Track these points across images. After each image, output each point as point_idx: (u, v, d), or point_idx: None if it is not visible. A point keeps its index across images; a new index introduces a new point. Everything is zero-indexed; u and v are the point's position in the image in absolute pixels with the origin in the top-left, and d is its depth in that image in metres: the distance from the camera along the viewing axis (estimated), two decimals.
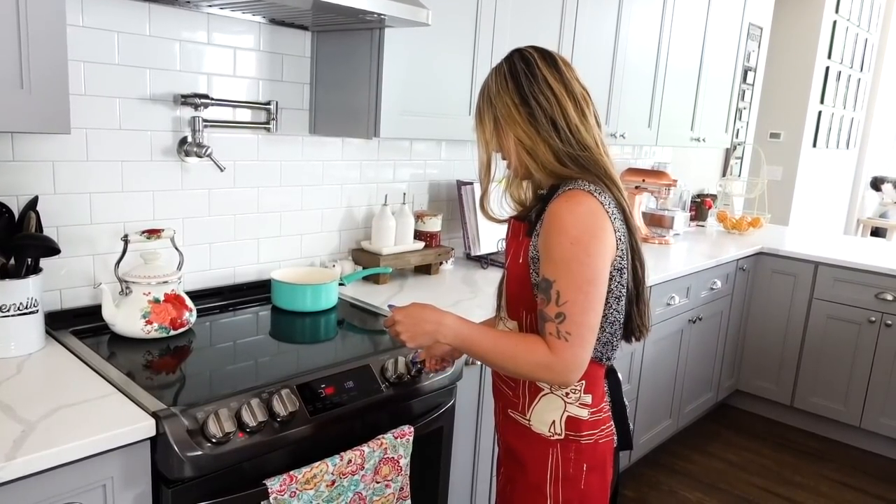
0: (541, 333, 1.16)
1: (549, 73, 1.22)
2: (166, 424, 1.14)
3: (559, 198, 1.16)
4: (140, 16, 1.61)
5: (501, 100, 1.22)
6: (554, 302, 1.13)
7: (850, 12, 5.37)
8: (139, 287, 1.52)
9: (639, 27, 2.67)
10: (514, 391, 1.30)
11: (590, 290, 1.13)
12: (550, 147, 1.20)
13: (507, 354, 1.16)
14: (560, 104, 1.20)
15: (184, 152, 1.73)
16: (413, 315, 1.21)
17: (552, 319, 1.13)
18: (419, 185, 2.40)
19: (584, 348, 1.13)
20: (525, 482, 1.29)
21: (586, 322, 1.13)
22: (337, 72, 1.91)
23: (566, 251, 1.12)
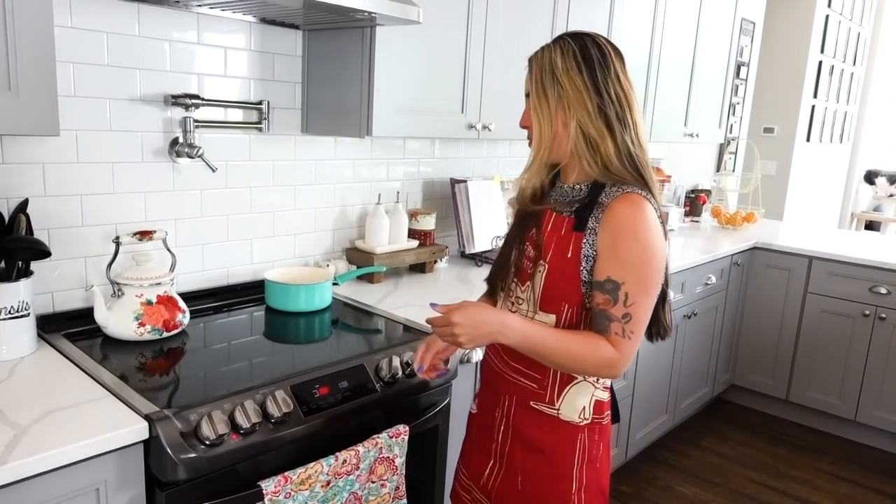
0: (599, 330, 1.18)
1: (620, 68, 1.22)
2: (159, 427, 1.13)
3: (621, 201, 1.16)
4: (129, 16, 1.60)
5: (571, 80, 1.19)
6: (622, 303, 1.16)
7: (842, 6, 5.38)
8: (131, 289, 1.51)
9: (631, 24, 2.67)
10: (539, 382, 1.27)
11: (653, 293, 1.19)
12: (615, 143, 1.18)
13: (572, 353, 1.17)
14: (629, 102, 1.20)
15: (175, 153, 1.72)
16: (472, 316, 1.16)
17: (618, 320, 1.16)
18: (413, 183, 2.39)
19: (637, 345, 1.19)
20: (550, 472, 1.28)
21: (645, 321, 1.20)
22: (329, 71, 1.90)
23: (637, 255, 1.15)
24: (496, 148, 2.71)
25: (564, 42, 1.22)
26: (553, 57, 1.21)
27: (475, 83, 2.05)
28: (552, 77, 1.20)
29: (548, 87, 1.21)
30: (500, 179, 2.57)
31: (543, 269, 1.24)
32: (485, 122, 2.10)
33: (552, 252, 1.24)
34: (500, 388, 1.34)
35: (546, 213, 1.28)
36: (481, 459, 1.39)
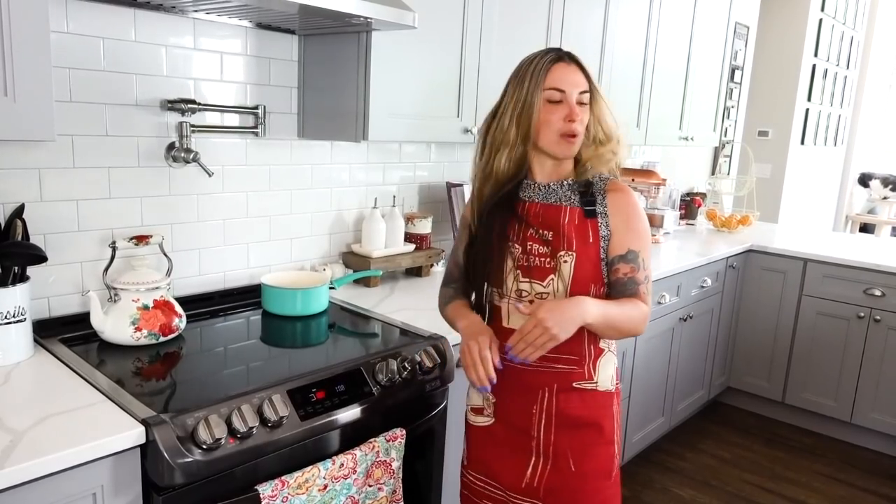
0: (631, 294, 1.34)
1: None
2: (156, 431, 1.13)
3: (619, 186, 1.38)
4: (125, 22, 1.60)
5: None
6: (642, 267, 1.35)
7: (835, 10, 5.41)
8: (128, 294, 1.51)
9: (626, 28, 2.68)
10: (578, 363, 1.38)
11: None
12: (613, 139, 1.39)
13: (633, 317, 1.33)
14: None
15: (171, 158, 1.72)
16: (554, 307, 1.25)
17: (643, 282, 1.35)
18: (409, 187, 2.40)
19: None
20: (598, 440, 1.40)
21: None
22: (325, 75, 1.91)
23: (644, 227, 1.37)
24: None
25: None
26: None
27: (471, 87, 2.06)
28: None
29: (595, 87, 1.35)
30: None
31: (571, 258, 1.34)
32: None
33: (577, 241, 1.34)
34: (533, 385, 1.39)
35: (560, 209, 1.36)
36: (519, 463, 1.41)
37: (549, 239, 1.35)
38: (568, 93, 1.31)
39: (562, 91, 1.31)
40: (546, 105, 1.32)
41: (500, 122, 1.36)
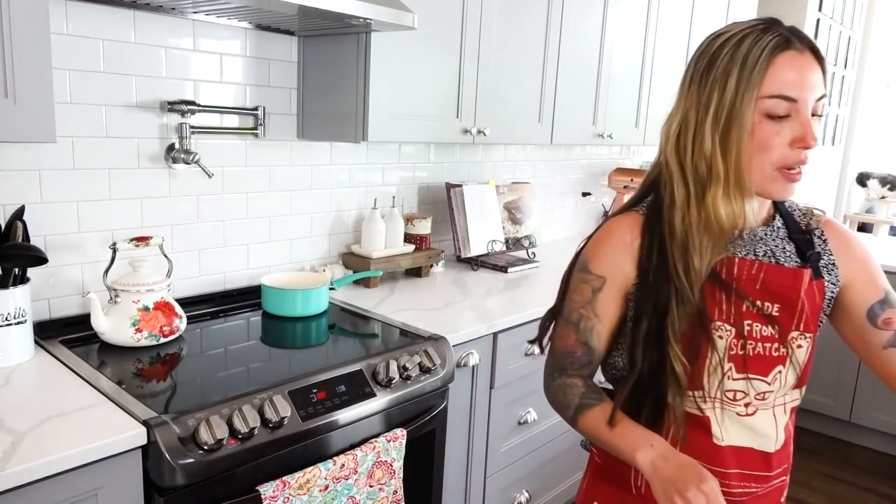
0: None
1: None
2: (157, 432, 1.13)
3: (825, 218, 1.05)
4: (125, 23, 1.60)
5: None
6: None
7: (832, 10, 5.41)
8: (128, 295, 1.51)
9: (624, 28, 2.68)
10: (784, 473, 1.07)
11: None
12: None
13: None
14: None
15: (171, 159, 1.72)
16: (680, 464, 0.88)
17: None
18: (408, 187, 2.40)
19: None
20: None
21: None
22: (324, 76, 1.91)
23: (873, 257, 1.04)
24: (491, 152, 2.72)
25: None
26: None
27: (470, 88, 2.06)
28: None
29: None
30: (494, 184, 2.58)
31: (807, 344, 0.98)
32: (480, 127, 2.11)
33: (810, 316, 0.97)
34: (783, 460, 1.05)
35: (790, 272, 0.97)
36: None
37: (775, 315, 0.96)
38: (802, 102, 0.88)
39: (792, 100, 0.88)
40: (763, 122, 0.89)
41: (697, 141, 0.93)
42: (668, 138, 0.98)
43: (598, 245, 1.04)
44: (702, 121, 0.92)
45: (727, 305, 0.95)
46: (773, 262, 0.98)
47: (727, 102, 0.89)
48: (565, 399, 1.05)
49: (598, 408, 1.01)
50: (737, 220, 0.95)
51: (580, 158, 3.25)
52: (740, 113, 0.88)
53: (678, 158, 0.96)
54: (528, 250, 2.61)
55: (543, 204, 3.03)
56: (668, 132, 0.98)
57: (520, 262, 2.50)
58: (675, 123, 0.97)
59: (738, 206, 0.94)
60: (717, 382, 0.96)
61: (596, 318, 1.02)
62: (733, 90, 0.88)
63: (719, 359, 0.95)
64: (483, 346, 1.83)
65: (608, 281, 1.01)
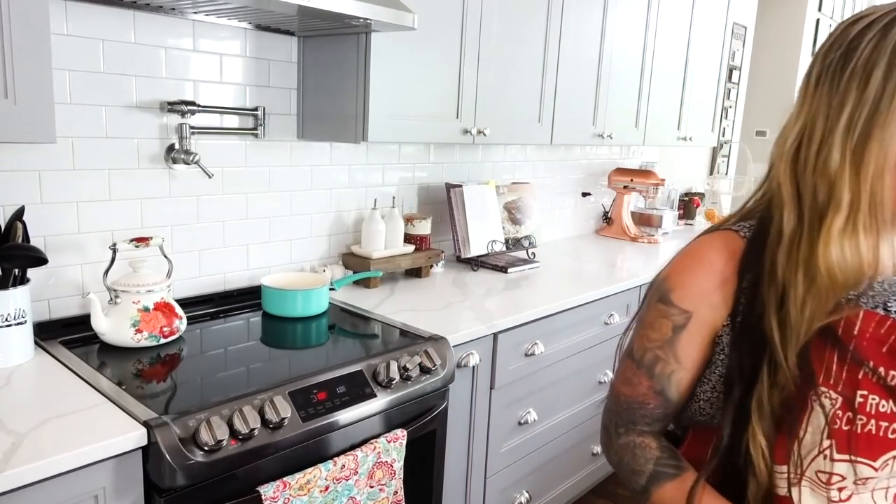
0: None
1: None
2: (157, 433, 1.13)
3: None
4: (125, 23, 1.60)
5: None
6: None
7: (832, 10, 5.42)
8: (128, 296, 1.51)
9: (624, 28, 2.68)
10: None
11: None
12: None
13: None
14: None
15: (171, 159, 1.72)
16: None
17: None
18: (408, 188, 2.40)
19: None
20: None
21: None
22: (324, 77, 1.91)
23: None
24: (491, 153, 2.72)
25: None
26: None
27: (470, 88, 2.06)
28: None
29: None
30: (494, 184, 2.58)
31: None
32: (479, 128, 2.11)
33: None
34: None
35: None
36: None
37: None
38: None
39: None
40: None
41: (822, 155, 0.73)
42: (782, 155, 0.78)
43: (684, 271, 0.84)
44: (831, 129, 0.72)
45: (838, 369, 0.74)
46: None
47: (868, 103, 0.69)
48: (635, 463, 0.87)
49: (677, 480, 0.83)
50: (862, 265, 0.73)
51: (580, 158, 3.25)
52: (886, 117, 0.68)
53: (794, 179, 0.76)
54: (528, 250, 2.61)
55: (543, 204, 3.03)
56: (784, 148, 0.78)
57: (520, 262, 2.50)
58: (792, 136, 0.77)
59: (866, 247, 0.73)
60: (813, 457, 0.76)
61: (676, 363, 0.84)
62: (878, 87, 0.68)
63: (819, 430, 0.75)
64: (483, 346, 1.83)
65: (694, 317, 0.82)
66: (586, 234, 3.37)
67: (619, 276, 2.51)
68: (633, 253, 2.99)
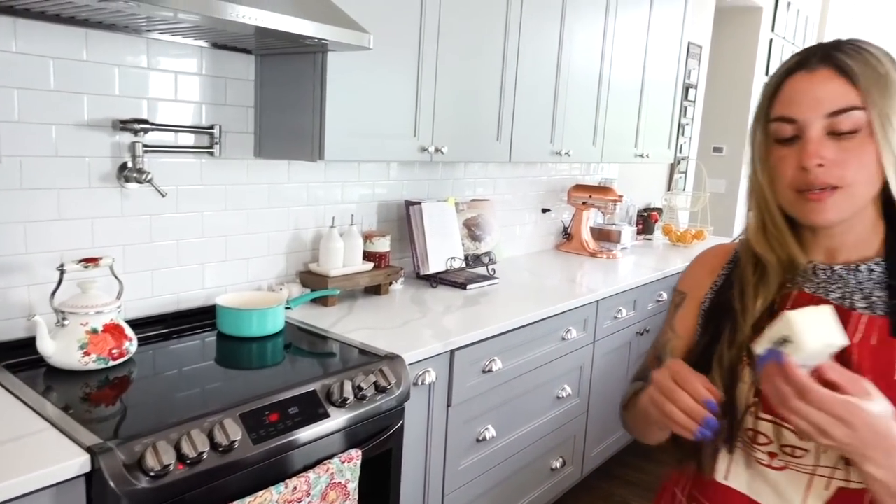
0: None
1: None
2: (101, 459, 1.11)
3: None
4: (76, 41, 1.58)
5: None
6: None
7: (784, 30, 5.60)
8: (76, 317, 1.48)
9: (581, 47, 2.74)
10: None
11: None
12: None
13: None
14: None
15: (124, 178, 1.70)
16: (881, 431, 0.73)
17: None
18: (368, 205, 2.41)
19: None
20: None
21: None
22: (281, 95, 1.91)
23: None
24: (451, 170, 2.74)
25: (879, 49, 0.87)
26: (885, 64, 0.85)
27: (427, 106, 2.08)
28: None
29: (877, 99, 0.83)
30: (454, 201, 2.60)
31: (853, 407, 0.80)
32: (437, 146, 2.13)
33: (872, 377, 0.78)
34: None
35: (847, 314, 0.86)
36: None
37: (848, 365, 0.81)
38: (803, 122, 0.84)
39: (791, 121, 0.85)
40: (774, 147, 0.88)
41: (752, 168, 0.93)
42: None
43: (688, 267, 1.10)
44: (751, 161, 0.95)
45: None
46: (843, 304, 0.87)
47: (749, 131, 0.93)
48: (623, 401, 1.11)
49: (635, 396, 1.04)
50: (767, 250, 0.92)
51: (540, 175, 3.29)
52: (755, 140, 0.91)
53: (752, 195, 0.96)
54: (487, 267, 2.64)
55: (503, 220, 3.06)
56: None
57: (479, 278, 2.52)
58: None
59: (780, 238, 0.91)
60: (741, 417, 0.88)
61: (672, 333, 1.04)
62: (753, 119, 0.92)
63: (750, 390, 0.88)
64: (440, 363, 1.84)
65: (688, 296, 1.04)
66: (546, 250, 3.42)
67: (577, 291, 2.55)
68: (592, 268, 3.04)
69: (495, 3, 2.26)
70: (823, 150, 0.83)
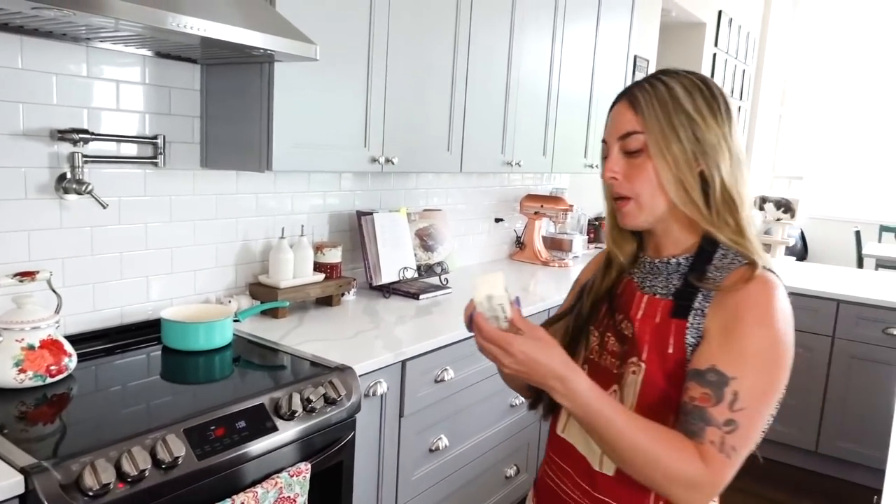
0: (690, 433, 0.91)
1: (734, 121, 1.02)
2: (36, 480, 1.07)
3: (750, 276, 0.94)
4: (11, 49, 1.54)
5: (704, 120, 0.98)
6: (727, 405, 0.89)
7: (727, 45, 5.80)
8: (11, 333, 1.43)
9: (530, 59, 2.78)
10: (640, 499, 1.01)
11: (772, 401, 0.93)
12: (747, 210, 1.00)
13: (642, 449, 0.89)
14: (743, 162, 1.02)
15: (63, 189, 1.65)
16: (534, 355, 0.91)
17: (718, 426, 0.89)
18: (319, 216, 2.39)
19: (734, 470, 0.91)
20: None
21: (754, 438, 0.92)
22: (228, 105, 1.89)
23: (766, 349, 0.91)
24: (404, 180, 2.74)
25: (683, 77, 1.01)
26: (675, 92, 0.99)
27: (377, 117, 2.08)
28: (683, 113, 0.98)
29: (679, 126, 0.97)
30: (406, 211, 2.61)
31: (639, 371, 0.99)
32: (388, 156, 2.13)
33: (648, 347, 0.99)
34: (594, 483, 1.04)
35: (635, 294, 1.06)
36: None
37: (627, 334, 1.03)
38: (609, 143, 1.04)
39: (604, 142, 1.05)
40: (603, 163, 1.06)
41: None
42: None
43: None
44: None
45: (604, 316, 1.10)
46: (646, 289, 1.06)
47: None
48: None
49: None
50: (612, 247, 1.13)
51: (493, 185, 3.32)
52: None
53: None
54: (440, 276, 2.64)
55: (456, 230, 3.08)
56: None
57: (432, 288, 2.52)
58: None
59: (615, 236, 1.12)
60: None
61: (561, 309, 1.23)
62: None
63: (583, 356, 1.11)
64: (391, 374, 1.83)
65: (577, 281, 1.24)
66: (500, 259, 3.44)
67: (530, 299, 2.57)
68: (544, 277, 3.07)
69: (445, 14, 2.28)
70: (616, 167, 1.02)
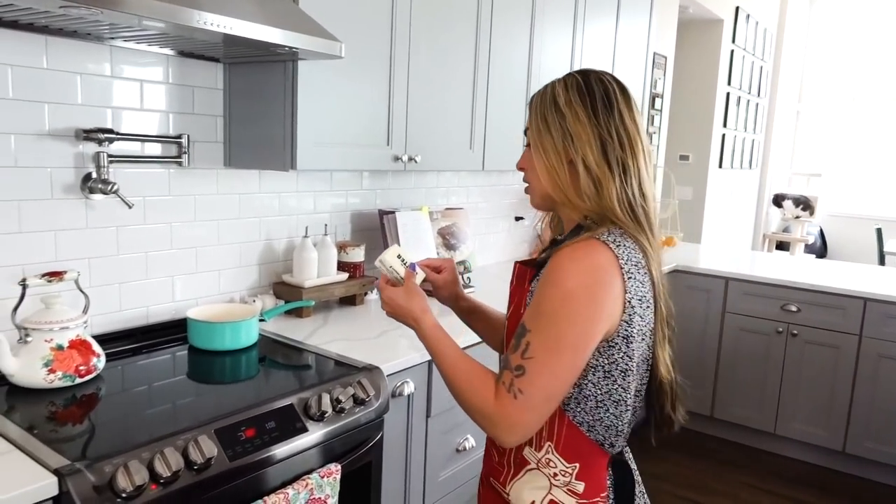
0: (498, 374, 1.08)
1: (626, 108, 1.12)
2: (70, 482, 1.06)
3: (570, 245, 1.06)
4: (36, 49, 1.53)
5: (574, 113, 1.10)
6: (520, 353, 1.03)
7: (745, 41, 5.74)
8: (40, 334, 1.42)
9: (551, 56, 2.76)
10: (499, 459, 1.18)
11: (564, 355, 1.02)
12: (616, 189, 1.08)
13: (459, 381, 1.10)
14: (633, 147, 1.10)
15: (88, 189, 1.65)
16: (397, 300, 1.22)
17: (511, 369, 1.03)
18: (341, 215, 2.37)
19: (531, 413, 1.03)
20: None
21: (544, 387, 1.02)
22: (251, 104, 1.88)
23: (555, 305, 1.02)
24: (424, 179, 2.72)
25: (569, 76, 1.15)
26: (556, 90, 1.13)
27: (400, 115, 2.07)
28: (554, 108, 1.11)
29: (550, 121, 1.11)
30: (427, 210, 2.59)
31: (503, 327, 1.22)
32: (411, 154, 2.11)
33: (511, 310, 1.19)
34: (484, 458, 1.26)
35: (516, 266, 1.22)
36: None
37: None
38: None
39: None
40: None
41: None
42: None
43: None
44: None
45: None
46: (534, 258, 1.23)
47: None
48: None
49: None
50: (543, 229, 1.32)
51: (512, 183, 3.29)
52: None
53: None
54: (462, 275, 2.62)
55: (477, 229, 3.05)
56: None
57: None
58: None
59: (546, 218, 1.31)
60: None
61: None
62: None
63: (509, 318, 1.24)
64: (418, 374, 1.81)
65: None
66: (520, 258, 3.40)
67: None
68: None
69: (466, 14, 2.26)
70: (520, 159, 1.20)
